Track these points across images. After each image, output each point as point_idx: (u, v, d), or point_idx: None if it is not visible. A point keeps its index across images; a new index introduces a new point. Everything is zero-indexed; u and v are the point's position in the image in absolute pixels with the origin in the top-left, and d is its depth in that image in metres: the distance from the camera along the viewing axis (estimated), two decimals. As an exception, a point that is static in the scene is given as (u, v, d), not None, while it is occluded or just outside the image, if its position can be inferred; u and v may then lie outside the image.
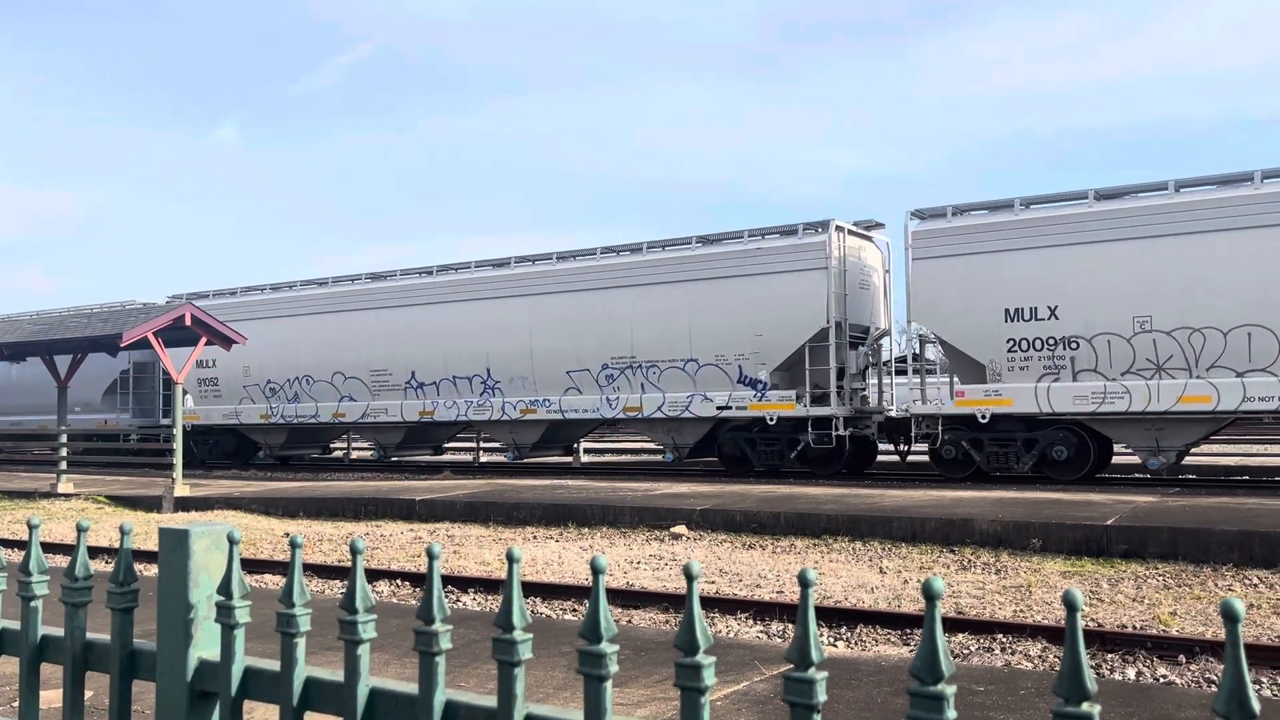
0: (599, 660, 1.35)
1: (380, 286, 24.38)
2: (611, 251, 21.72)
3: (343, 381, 24.52)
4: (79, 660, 1.96)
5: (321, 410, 24.94)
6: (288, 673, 1.65)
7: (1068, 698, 1.07)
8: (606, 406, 20.97)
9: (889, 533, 11.75)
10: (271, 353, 25.34)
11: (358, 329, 24.33)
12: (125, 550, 1.91)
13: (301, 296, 25.62)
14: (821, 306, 18.75)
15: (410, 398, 23.61)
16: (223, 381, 26.60)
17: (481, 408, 22.52)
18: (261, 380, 25.94)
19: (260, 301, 26.25)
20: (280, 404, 25.64)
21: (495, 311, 22.51)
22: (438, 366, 23.18)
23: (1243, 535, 9.89)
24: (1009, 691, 5.11)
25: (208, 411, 26.97)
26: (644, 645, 6.11)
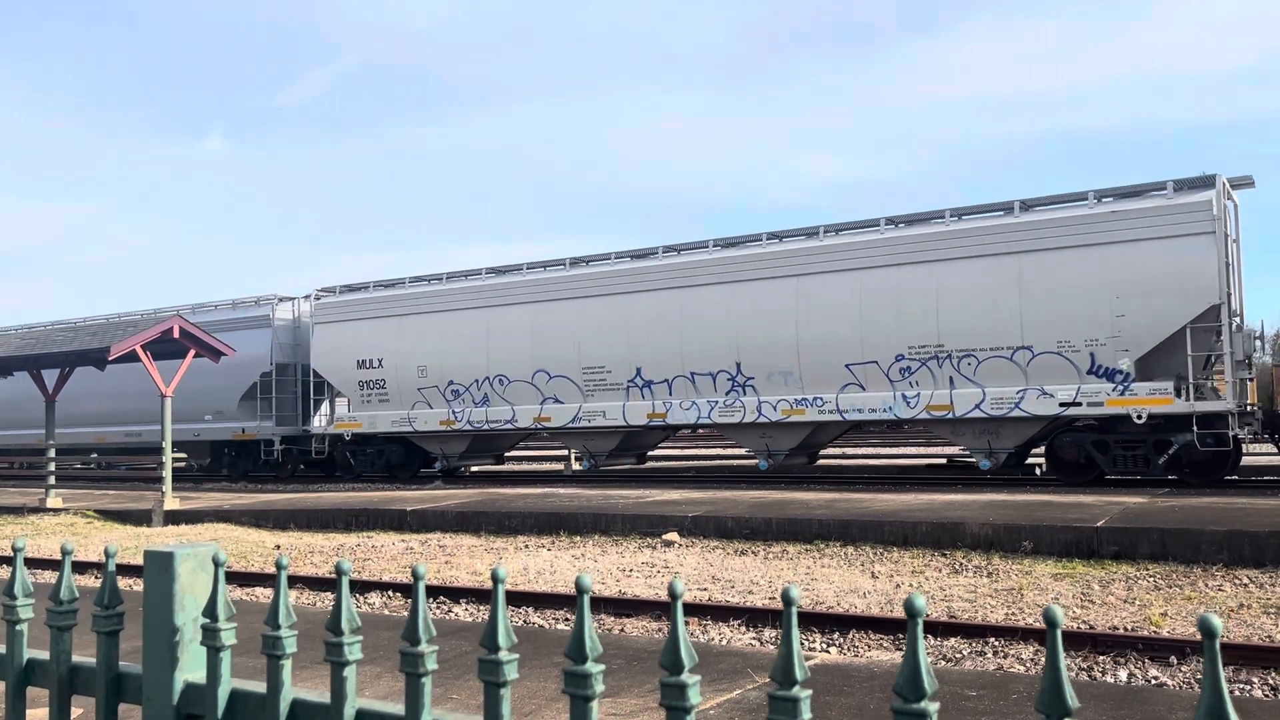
0: (584, 680, 1.35)
1: (591, 273, 21.11)
2: (898, 222, 18.26)
3: (546, 381, 21.26)
4: (64, 684, 1.95)
5: (520, 414, 21.56)
6: (274, 696, 1.64)
7: (1049, 714, 1.07)
8: (902, 404, 17.64)
9: (880, 537, 11.77)
10: (454, 350, 22.38)
11: (567, 321, 21.05)
12: (110, 573, 1.90)
13: (489, 286, 22.29)
14: (1208, 280, 15.47)
15: (634, 398, 20.27)
16: (392, 384, 23.30)
17: (729, 409, 19.22)
18: (441, 381, 22.59)
19: (435, 294, 23.04)
20: (465, 408, 22.25)
21: (749, 297, 19.06)
22: (671, 362, 19.85)
23: (1232, 535, 9.93)
24: (1001, 696, 5.12)
25: (372, 418, 23.51)
26: (636, 655, 6.10)
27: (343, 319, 24.20)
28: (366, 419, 23.69)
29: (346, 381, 24.07)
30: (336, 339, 24.20)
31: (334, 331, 24.29)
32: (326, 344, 24.43)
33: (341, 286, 24.77)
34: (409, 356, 22.92)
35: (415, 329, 23.06)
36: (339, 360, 24.12)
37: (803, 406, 18.62)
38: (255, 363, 25.02)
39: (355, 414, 23.96)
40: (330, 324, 24.43)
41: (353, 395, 23.97)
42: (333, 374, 24.39)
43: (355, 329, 23.89)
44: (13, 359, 19.92)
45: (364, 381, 23.80)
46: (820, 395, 18.43)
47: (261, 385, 25.30)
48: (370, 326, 23.70)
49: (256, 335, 25.28)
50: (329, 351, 24.37)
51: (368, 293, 24.28)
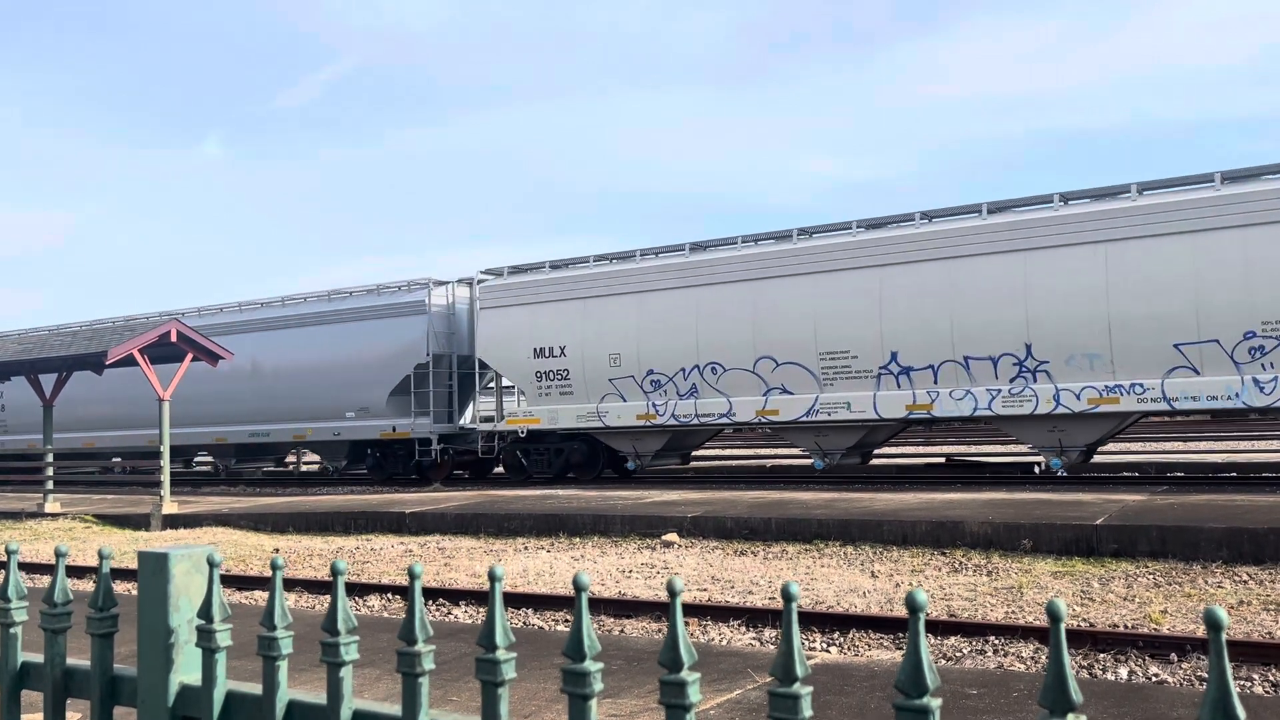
0: (582, 679, 1.33)
1: (829, 244, 18.38)
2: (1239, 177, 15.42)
3: (772, 369, 18.47)
4: (59, 687, 1.94)
5: (739, 407, 18.81)
6: (269, 697, 1.63)
7: (1053, 709, 1.06)
8: (1253, 391, 14.88)
9: (880, 536, 11.76)
10: (654, 335, 19.67)
11: (799, 300, 18.28)
12: (104, 575, 1.89)
13: (699, 263, 19.53)
14: None
15: (888, 387, 17.56)
16: (577, 374, 20.50)
17: (1015, 398, 16.50)
18: (638, 371, 19.81)
19: (631, 273, 20.23)
20: (668, 400, 19.47)
21: (1043, 268, 16.23)
22: (938, 345, 17.06)
23: (1231, 532, 9.93)
24: (1002, 694, 5.11)
25: (552, 413, 20.82)
26: (636, 655, 6.09)
27: (515, 303, 21.45)
28: (546, 414, 20.86)
29: (520, 373, 21.40)
30: (508, 326, 21.47)
31: (504, 317, 21.56)
32: (496, 331, 21.71)
33: (509, 268, 22.07)
34: (598, 343, 20.22)
35: (606, 312, 20.29)
36: (511, 349, 21.43)
37: (1116, 394, 15.81)
38: (409, 354, 22.50)
39: (532, 408, 21.09)
40: (499, 309, 21.71)
41: (528, 388, 21.27)
42: (504, 365, 21.79)
43: (531, 314, 21.17)
44: (9, 364, 19.89)
45: (542, 372, 20.92)
46: (1140, 381, 15.64)
47: (416, 378, 22.50)
48: (550, 311, 20.94)
49: (410, 323, 22.67)
50: (499, 340, 21.65)
51: (544, 273, 21.51)
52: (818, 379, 18.16)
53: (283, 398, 24.25)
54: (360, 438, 23.52)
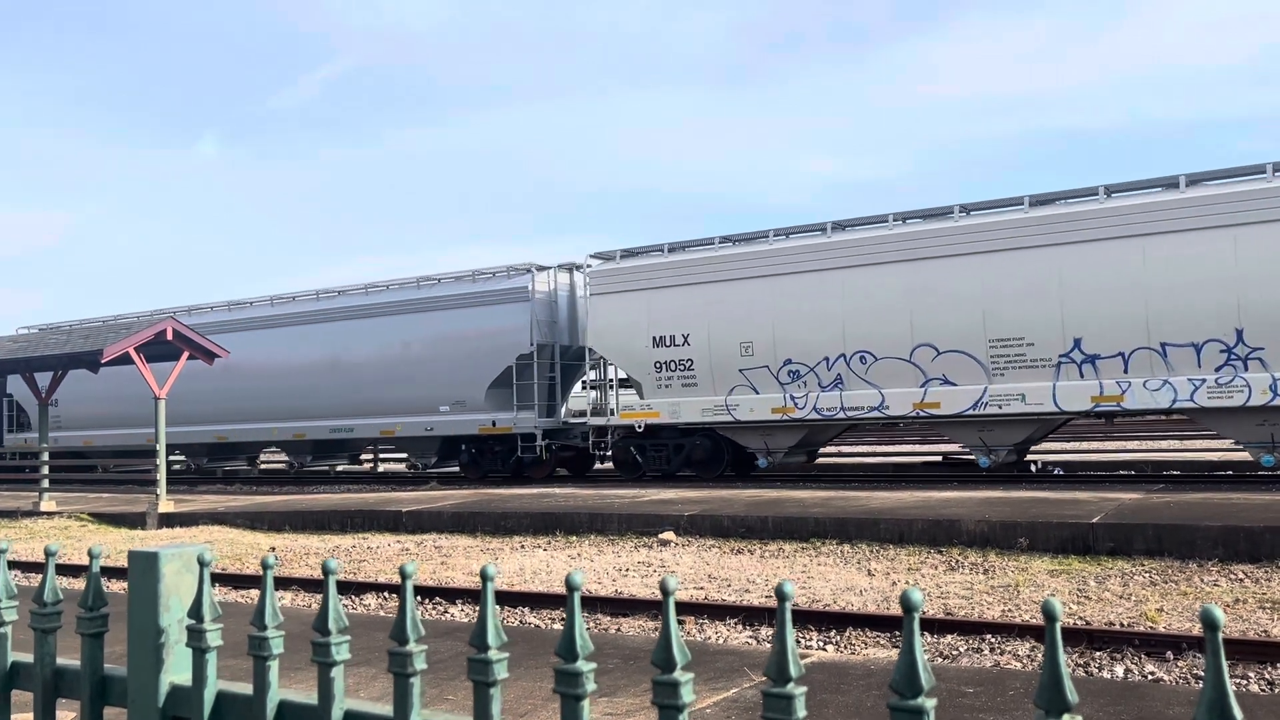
0: (575, 679, 1.32)
1: (997, 221, 16.74)
2: None
3: (932, 358, 16.95)
4: (49, 687, 1.92)
5: (892, 399, 17.27)
6: (260, 697, 1.62)
7: (1049, 709, 1.05)
8: None
9: (876, 535, 11.76)
10: (792, 322, 18.13)
11: (964, 283, 16.65)
12: (94, 574, 1.88)
13: (844, 244, 17.92)
14: None
15: (1069, 377, 16.03)
16: (702, 365, 18.92)
17: (1224, 389, 15.01)
18: (773, 360, 18.25)
19: (765, 255, 18.60)
20: (808, 392, 17.93)
21: (1259, 244, 14.63)
22: (1130, 330, 15.55)
23: (1227, 530, 9.93)
24: (998, 692, 5.11)
25: (673, 406, 19.17)
26: (632, 654, 6.08)
27: (631, 288, 19.88)
28: (666, 407, 19.28)
29: (636, 363, 19.78)
30: (622, 313, 19.90)
31: (619, 304, 19.97)
32: (608, 319, 20.15)
33: (620, 251, 20.55)
34: (727, 331, 18.67)
35: (736, 297, 18.67)
36: (627, 338, 19.85)
37: None
38: (511, 344, 21.15)
39: (650, 401, 19.46)
40: (613, 295, 20.11)
41: (645, 379, 19.65)
42: (617, 354, 20.22)
43: (649, 300, 19.60)
44: (5, 362, 19.86)
45: (662, 363, 19.36)
46: None
47: (518, 370, 21.13)
48: (671, 296, 19.38)
49: (512, 311, 21.29)
50: (613, 328, 20.09)
51: (661, 256, 19.90)
52: (986, 369, 16.60)
53: (368, 391, 22.80)
54: (456, 433, 21.95)
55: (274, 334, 24.52)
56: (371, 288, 23.65)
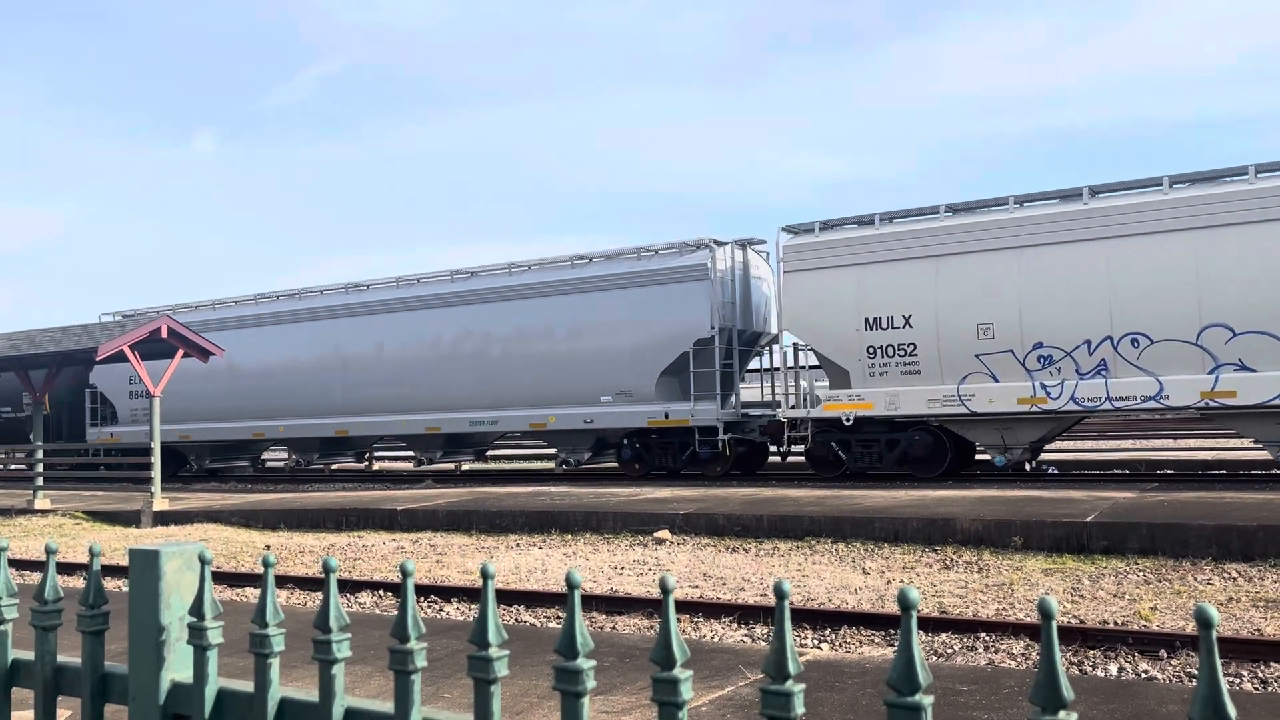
0: (575, 676, 1.33)
1: None
2: None
3: (1225, 340, 14.86)
4: (50, 685, 1.93)
5: (1173, 387, 15.18)
6: (261, 694, 1.63)
7: (1044, 706, 1.06)
8: None
9: (871, 534, 11.78)
10: (1044, 300, 16.01)
11: (1268, 252, 14.61)
12: (95, 572, 1.88)
13: (1112, 210, 15.79)
14: None
15: None
16: (927, 349, 16.96)
17: None
18: (1019, 344, 16.21)
19: (1008, 224, 16.47)
20: (1063, 380, 15.91)
21: None
22: None
23: (1221, 529, 9.97)
24: (992, 691, 5.13)
25: (890, 396, 17.21)
26: (628, 652, 6.09)
27: (836, 264, 17.77)
28: (881, 398, 17.27)
29: (843, 348, 17.75)
30: (827, 291, 17.79)
31: (821, 282, 17.88)
32: (808, 299, 18.04)
33: (820, 223, 18.34)
34: (960, 311, 16.61)
35: (970, 273, 16.61)
36: (831, 319, 17.77)
37: None
38: (688, 327, 19.19)
39: (861, 391, 17.47)
40: (813, 272, 17.99)
41: (854, 366, 17.61)
42: (820, 338, 18.09)
43: (860, 277, 17.52)
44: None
45: (876, 347, 17.35)
46: None
47: (695, 356, 19.14)
48: (887, 272, 17.28)
49: (688, 291, 19.28)
50: (814, 309, 17.99)
51: (875, 227, 17.67)
52: None
53: (515, 381, 20.91)
54: (620, 425, 19.97)
55: (401, 319, 22.53)
56: (515, 267, 21.66)
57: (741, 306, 19.78)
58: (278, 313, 24.78)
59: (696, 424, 19.08)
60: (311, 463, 25.54)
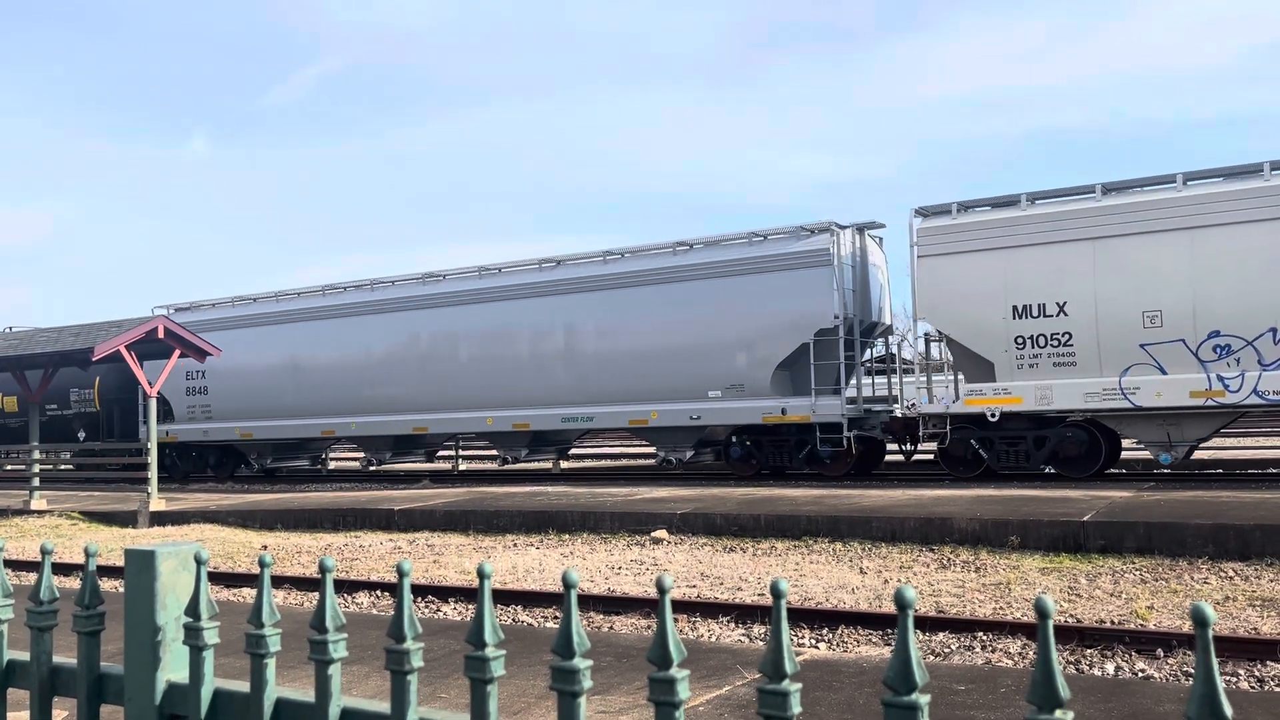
0: (571, 676, 1.33)
1: None
2: None
3: None
4: (46, 685, 1.93)
5: None
6: (258, 695, 1.62)
7: (1040, 705, 1.06)
8: None
9: (869, 533, 11.79)
10: (1225, 285, 15.03)
11: None
12: (90, 573, 1.88)
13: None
14: None
15: None
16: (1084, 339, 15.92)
17: None
18: (1192, 332, 15.25)
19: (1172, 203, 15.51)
20: (1243, 371, 14.92)
21: None
22: None
23: (1217, 528, 9.99)
24: (990, 690, 5.13)
25: (1043, 390, 16.12)
26: (625, 652, 6.09)
27: (980, 247, 16.67)
28: (1031, 391, 16.15)
29: (987, 337, 16.63)
30: (970, 278, 16.67)
31: (963, 267, 16.78)
32: (949, 285, 16.91)
33: (958, 204, 17.18)
34: (1123, 297, 15.56)
35: (1135, 256, 15.56)
36: (974, 307, 16.69)
37: None
38: (809, 316, 18.03)
39: (1008, 384, 16.32)
40: (954, 256, 16.90)
41: (999, 358, 16.47)
42: (961, 328, 16.90)
43: (1007, 261, 16.42)
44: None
45: (1026, 337, 16.25)
46: None
47: (817, 348, 17.96)
48: (1041, 256, 16.19)
49: (810, 278, 18.09)
50: (954, 295, 16.86)
51: (1021, 208, 16.55)
52: None
53: (613, 375, 19.64)
54: (731, 422, 18.76)
55: (484, 310, 21.33)
56: (609, 255, 20.34)
57: (860, 294, 18.67)
58: (347, 304, 23.35)
59: (818, 420, 17.88)
60: (383, 462, 24.00)
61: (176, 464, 26.25)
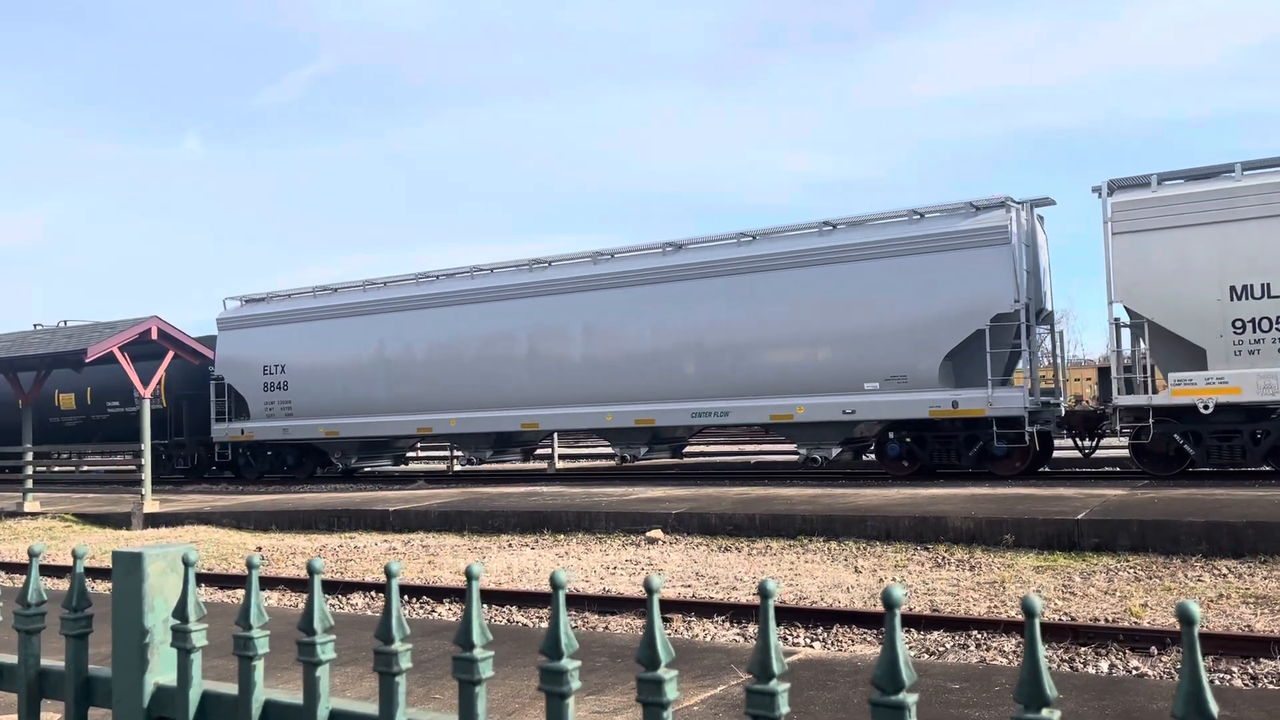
0: (560, 677, 1.33)
1: None
2: None
3: None
4: (33, 688, 1.92)
5: None
6: (245, 697, 1.62)
7: (1028, 704, 1.06)
8: None
9: (863, 532, 11.80)
10: None
11: None
12: (78, 575, 1.87)
13: None
14: None
15: None
16: None
17: None
18: None
19: None
20: None
21: None
22: None
23: (1211, 526, 10.01)
24: (984, 688, 5.13)
25: (1268, 379, 14.68)
26: (620, 652, 6.09)
27: (1186, 222, 15.17)
28: (1252, 380, 14.61)
29: (1197, 321, 15.07)
30: (1175, 255, 15.22)
31: (1167, 244, 15.33)
32: (1151, 264, 15.42)
33: (1157, 175, 15.62)
34: None
35: None
36: (1182, 288, 15.18)
37: None
38: (982, 300, 16.48)
39: (1223, 373, 14.80)
40: (1155, 232, 15.44)
41: (1214, 344, 14.99)
42: (1166, 310, 15.35)
43: (1222, 237, 14.93)
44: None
45: (1246, 320, 14.75)
46: None
47: (992, 334, 16.38)
48: (1262, 231, 14.65)
49: (985, 258, 16.49)
50: (1156, 275, 15.36)
51: (1235, 178, 15.05)
52: None
53: (752, 366, 18.07)
54: (890, 416, 17.19)
55: (604, 298, 19.74)
56: (743, 237, 18.81)
57: (1033, 277, 17.00)
58: (444, 294, 21.65)
59: (994, 414, 16.25)
60: (483, 460, 22.11)
61: (251, 464, 24.79)
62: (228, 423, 24.24)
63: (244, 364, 23.87)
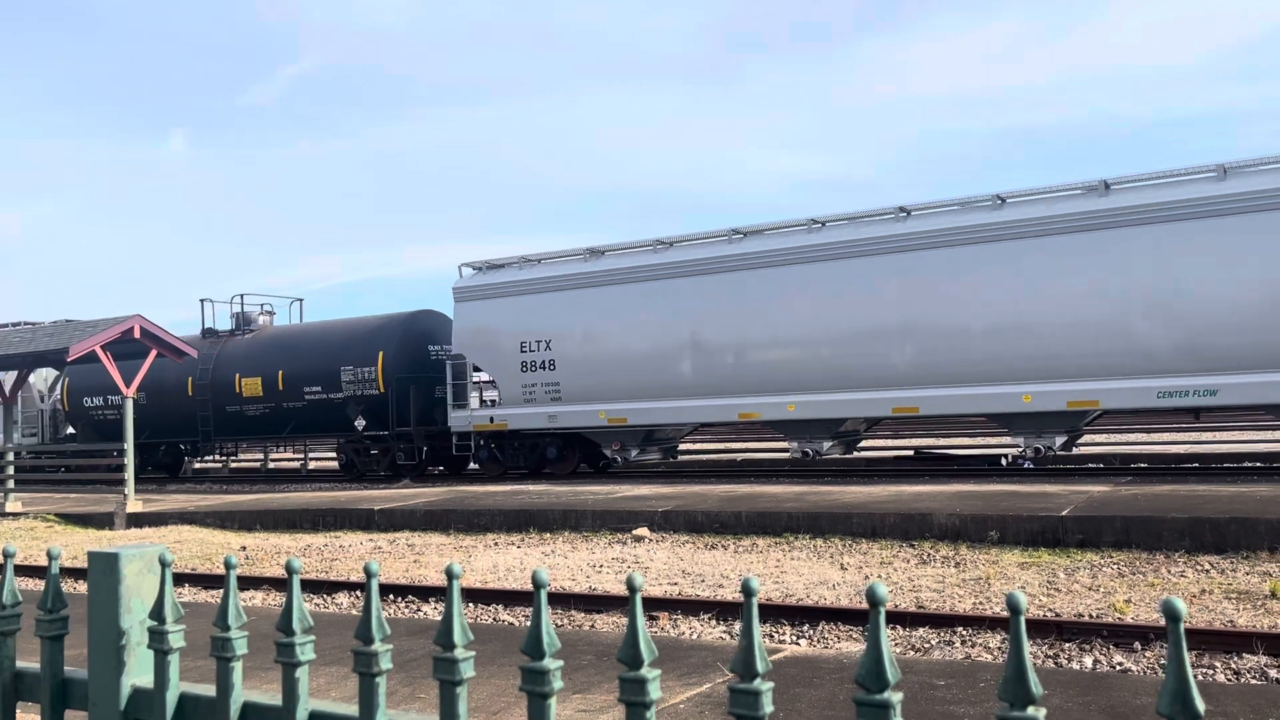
0: (542, 677, 1.31)
1: None
2: None
3: None
4: (8, 691, 1.89)
5: None
6: (224, 699, 1.60)
7: (1012, 702, 1.05)
8: None
9: (849, 529, 11.81)
10: None
11: None
12: (53, 576, 1.84)
13: None
14: None
15: None
16: None
17: None
18: None
19: None
20: None
21: None
22: None
23: (1194, 522, 10.06)
24: (969, 684, 5.14)
25: None
26: (606, 650, 6.07)
27: None
28: None
29: None
30: None
31: None
32: None
33: None
34: None
35: None
36: None
37: None
38: None
39: None
40: None
41: None
42: None
43: None
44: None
45: None
46: None
47: None
48: None
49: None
50: None
51: None
52: None
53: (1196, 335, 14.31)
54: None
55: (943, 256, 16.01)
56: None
57: None
58: (768, 252, 17.66)
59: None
60: (821, 454, 17.71)
61: (496, 457, 20.81)
62: (470, 409, 20.41)
63: (493, 341, 20.15)
